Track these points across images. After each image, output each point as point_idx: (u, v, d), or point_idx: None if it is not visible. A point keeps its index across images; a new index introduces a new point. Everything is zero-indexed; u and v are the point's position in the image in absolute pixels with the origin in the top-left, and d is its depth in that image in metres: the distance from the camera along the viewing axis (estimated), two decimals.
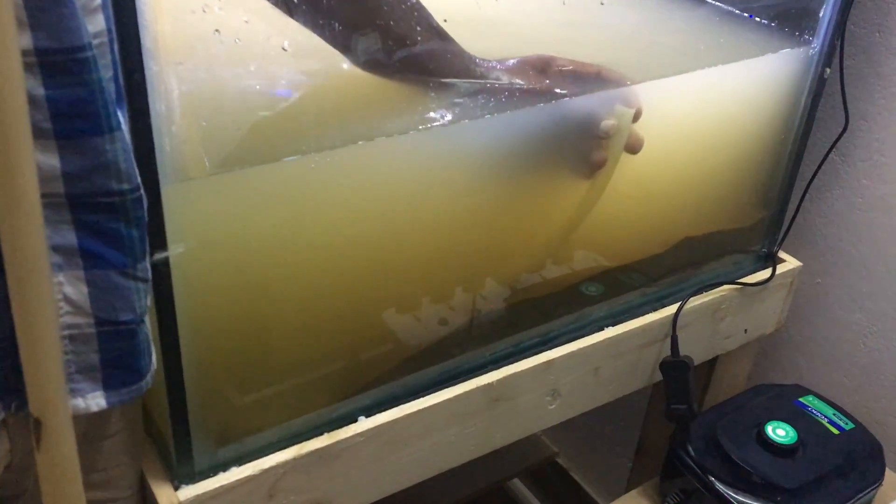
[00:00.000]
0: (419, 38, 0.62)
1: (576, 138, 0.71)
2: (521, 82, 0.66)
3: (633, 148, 0.73)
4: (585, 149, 0.71)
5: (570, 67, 0.68)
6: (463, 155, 0.66)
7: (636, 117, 0.72)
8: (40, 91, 0.41)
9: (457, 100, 0.62)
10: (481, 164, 0.67)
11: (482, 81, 0.65)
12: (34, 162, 0.36)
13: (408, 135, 0.61)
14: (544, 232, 0.76)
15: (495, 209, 0.71)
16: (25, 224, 0.37)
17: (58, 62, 0.41)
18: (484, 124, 0.64)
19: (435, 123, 0.61)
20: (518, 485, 1.51)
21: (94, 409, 0.50)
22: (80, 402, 0.50)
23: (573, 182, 0.74)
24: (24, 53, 0.40)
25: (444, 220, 0.68)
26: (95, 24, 0.43)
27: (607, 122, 0.69)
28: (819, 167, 0.91)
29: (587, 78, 0.69)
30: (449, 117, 0.61)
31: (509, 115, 0.65)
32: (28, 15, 0.39)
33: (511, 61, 0.67)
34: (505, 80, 0.66)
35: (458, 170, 0.67)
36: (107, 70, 0.44)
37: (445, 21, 0.61)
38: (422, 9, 0.62)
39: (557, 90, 0.67)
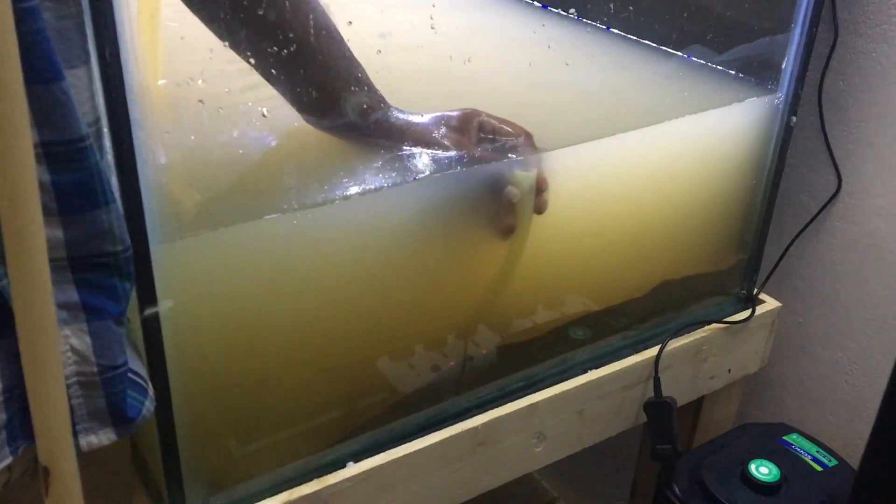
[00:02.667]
0: (366, 100, 0.66)
1: (489, 202, 0.73)
2: (436, 139, 0.70)
3: (539, 209, 0.75)
4: (499, 213, 0.73)
5: (490, 128, 0.71)
6: (436, 207, 0.70)
7: (542, 184, 0.74)
8: (46, 177, 0.48)
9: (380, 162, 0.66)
10: (436, 220, 0.71)
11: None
12: (43, 233, 0.42)
13: (382, 189, 0.64)
14: (511, 281, 0.79)
15: (463, 261, 0.74)
16: (35, 286, 0.42)
17: (61, 152, 0.47)
18: (450, 177, 0.68)
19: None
20: None
21: (107, 442, 0.55)
22: (93, 439, 0.55)
23: (497, 241, 0.76)
24: (33, 146, 0.45)
25: (418, 272, 0.71)
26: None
27: (510, 190, 0.72)
28: (808, 224, 0.94)
29: (504, 139, 0.72)
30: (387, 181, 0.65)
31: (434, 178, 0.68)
32: (34, 115, 0.45)
33: (430, 117, 0.70)
34: (420, 134, 0.69)
35: (431, 222, 0.70)
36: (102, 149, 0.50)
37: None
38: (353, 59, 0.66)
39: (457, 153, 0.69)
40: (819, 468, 0.89)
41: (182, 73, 0.54)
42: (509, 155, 0.71)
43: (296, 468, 0.70)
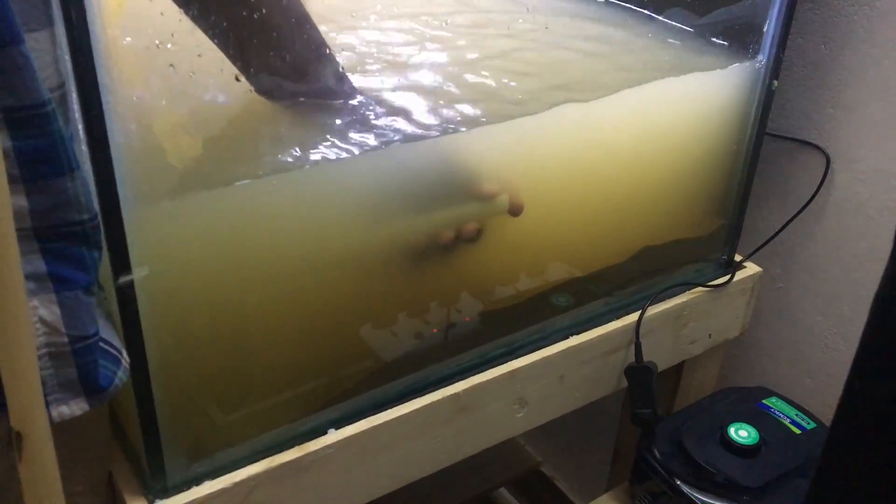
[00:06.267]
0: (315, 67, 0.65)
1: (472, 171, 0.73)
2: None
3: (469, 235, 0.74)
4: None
5: None
6: (410, 173, 0.69)
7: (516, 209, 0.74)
8: (8, 143, 0.46)
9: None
10: (418, 187, 0.70)
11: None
12: (10, 203, 0.41)
13: (360, 155, 0.64)
14: (493, 249, 0.78)
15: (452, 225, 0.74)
16: (1, 250, 0.41)
17: (22, 118, 0.46)
18: (402, 149, 0.67)
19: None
20: (504, 494, 1.52)
21: (79, 412, 0.55)
22: (65, 410, 0.54)
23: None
24: None
25: (402, 236, 0.71)
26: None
27: (491, 188, 0.71)
28: (805, 206, 0.94)
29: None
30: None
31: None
32: None
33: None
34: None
35: (408, 188, 0.69)
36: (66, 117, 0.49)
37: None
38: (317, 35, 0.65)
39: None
40: (798, 431, 0.90)
41: (151, 36, 0.53)
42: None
43: (277, 435, 0.70)
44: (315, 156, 0.61)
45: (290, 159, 0.60)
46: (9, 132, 0.46)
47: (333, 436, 0.71)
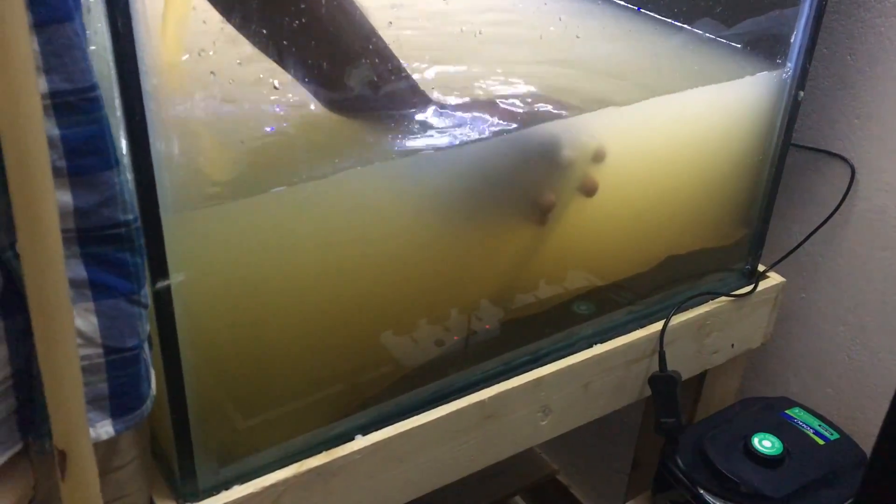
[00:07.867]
0: (389, 80, 0.64)
1: (532, 170, 0.73)
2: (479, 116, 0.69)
3: (589, 191, 0.74)
4: (538, 187, 0.73)
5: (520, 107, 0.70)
6: (445, 181, 0.69)
7: (598, 158, 0.73)
8: (55, 131, 0.43)
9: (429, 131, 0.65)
10: (462, 189, 0.70)
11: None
12: (55, 201, 0.38)
13: (391, 162, 0.64)
14: (525, 257, 0.79)
15: (478, 234, 0.74)
16: (49, 261, 0.39)
17: (71, 103, 0.43)
18: (459, 151, 0.67)
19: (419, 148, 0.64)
20: (519, 502, 1.52)
21: (104, 437, 0.52)
22: (91, 433, 0.50)
23: (527, 219, 0.76)
24: (40, 97, 0.41)
25: (431, 244, 0.71)
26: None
27: (568, 153, 0.70)
28: (829, 217, 0.94)
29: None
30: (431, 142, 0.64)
31: (479, 144, 0.68)
32: (43, 60, 0.41)
33: (463, 101, 0.69)
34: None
35: (440, 196, 0.70)
36: None
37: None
38: (387, 49, 0.64)
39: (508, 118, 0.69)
40: (821, 442, 0.89)
41: (193, 44, 0.53)
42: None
43: (305, 441, 0.70)
44: (353, 160, 0.61)
45: (328, 164, 0.61)
46: (56, 119, 0.43)
47: (360, 442, 0.71)
